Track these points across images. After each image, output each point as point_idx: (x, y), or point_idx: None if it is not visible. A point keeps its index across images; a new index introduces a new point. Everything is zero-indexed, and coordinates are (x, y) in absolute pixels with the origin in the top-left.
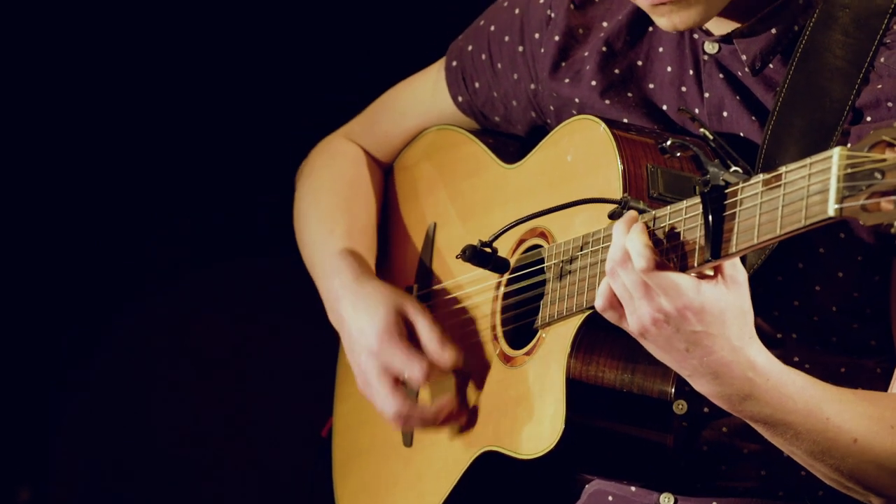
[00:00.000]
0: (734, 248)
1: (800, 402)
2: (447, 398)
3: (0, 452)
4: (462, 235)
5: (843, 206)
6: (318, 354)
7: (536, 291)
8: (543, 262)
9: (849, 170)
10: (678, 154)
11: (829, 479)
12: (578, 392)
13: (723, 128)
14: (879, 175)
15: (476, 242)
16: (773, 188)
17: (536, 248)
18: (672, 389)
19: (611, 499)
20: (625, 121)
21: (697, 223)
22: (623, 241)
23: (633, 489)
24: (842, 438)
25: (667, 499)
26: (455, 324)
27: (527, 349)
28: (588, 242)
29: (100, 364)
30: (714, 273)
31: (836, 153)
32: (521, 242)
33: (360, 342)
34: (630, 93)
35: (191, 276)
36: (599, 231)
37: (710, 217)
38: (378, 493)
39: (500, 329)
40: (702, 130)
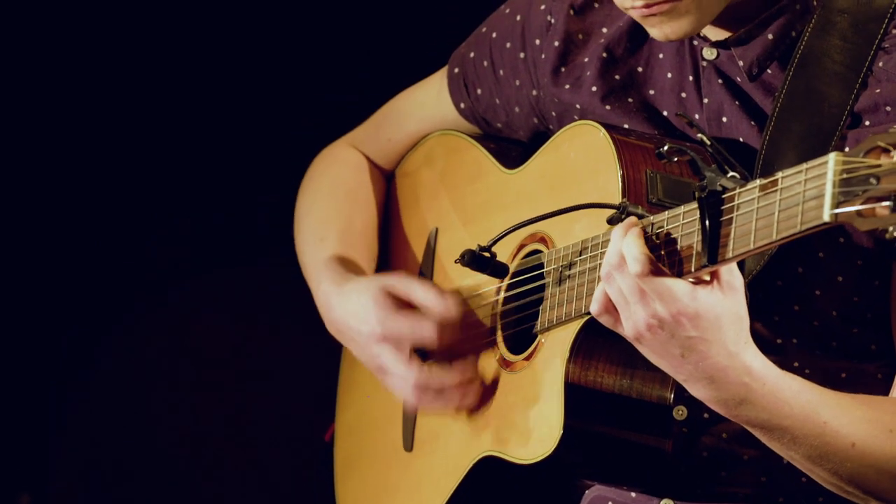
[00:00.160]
0: (731, 254)
1: (796, 407)
2: (460, 364)
3: (0, 454)
4: (463, 240)
5: (839, 212)
6: (319, 355)
7: (536, 296)
8: (543, 268)
9: (844, 175)
10: (675, 159)
11: (829, 484)
12: (577, 397)
13: (722, 133)
14: (875, 180)
15: (475, 247)
16: (770, 193)
17: (536, 254)
18: (671, 395)
19: None
20: (625, 126)
21: (695, 228)
22: (619, 246)
23: (633, 495)
24: (840, 442)
25: None
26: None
27: (526, 354)
28: (587, 248)
29: (100, 365)
30: (710, 278)
31: (832, 158)
32: (522, 247)
33: (364, 333)
34: (631, 98)
35: (191, 277)
36: (598, 236)
37: (707, 222)
38: (379, 498)
39: (500, 334)
40: (699, 135)
